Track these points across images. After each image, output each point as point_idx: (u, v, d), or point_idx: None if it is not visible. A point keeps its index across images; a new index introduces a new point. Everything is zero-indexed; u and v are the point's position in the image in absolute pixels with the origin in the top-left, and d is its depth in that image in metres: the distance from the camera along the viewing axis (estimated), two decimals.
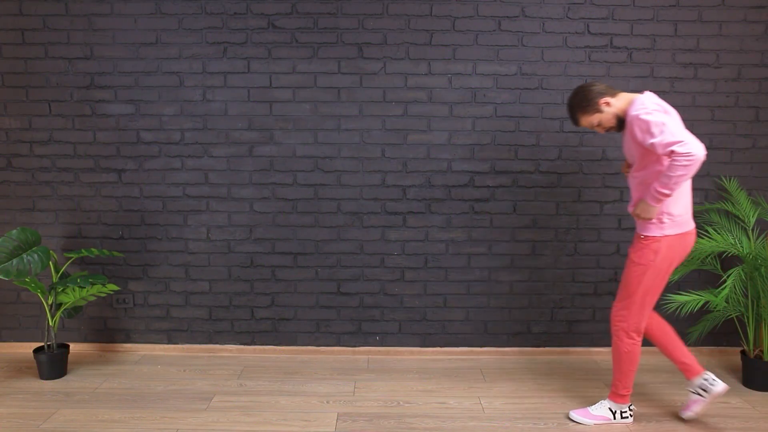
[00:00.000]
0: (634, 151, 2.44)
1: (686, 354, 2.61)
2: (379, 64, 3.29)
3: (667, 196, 2.30)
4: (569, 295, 3.44)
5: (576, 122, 2.56)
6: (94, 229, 3.41)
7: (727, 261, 3.38)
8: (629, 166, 2.67)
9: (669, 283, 3.41)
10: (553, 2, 3.24)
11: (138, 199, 3.38)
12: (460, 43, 3.27)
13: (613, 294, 3.43)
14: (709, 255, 3.31)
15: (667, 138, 2.24)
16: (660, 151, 2.27)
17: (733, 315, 3.16)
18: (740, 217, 3.25)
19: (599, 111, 2.48)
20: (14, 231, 2.89)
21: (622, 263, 3.41)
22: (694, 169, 2.21)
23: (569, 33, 3.27)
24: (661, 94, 3.31)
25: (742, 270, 2.95)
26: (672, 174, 2.24)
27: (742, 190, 3.35)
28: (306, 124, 3.33)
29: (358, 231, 3.40)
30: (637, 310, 2.52)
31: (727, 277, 2.93)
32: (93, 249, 3.24)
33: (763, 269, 2.92)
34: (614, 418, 2.65)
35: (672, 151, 2.23)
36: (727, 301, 3.06)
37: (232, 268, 3.43)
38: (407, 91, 3.30)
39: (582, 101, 2.49)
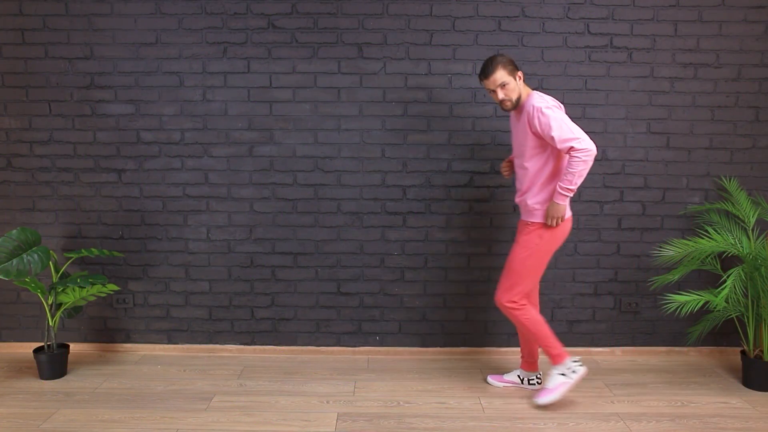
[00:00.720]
0: (528, 141, 2.62)
1: (537, 352, 2.98)
2: (379, 64, 3.29)
3: (573, 191, 2.54)
4: (569, 295, 3.44)
5: (490, 73, 2.61)
6: (94, 229, 3.41)
7: (727, 261, 3.38)
8: (509, 165, 2.94)
9: (670, 282, 3.41)
10: (553, 2, 3.24)
11: (138, 199, 3.39)
12: (460, 43, 3.27)
13: (613, 293, 3.43)
14: (709, 255, 3.31)
15: (565, 134, 2.49)
16: (558, 145, 2.51)
17: (733, 315, 3.16)
18: (740, 217, 3.25)
19: (513, 79, 2.62)
20: (14, 231, 2.89)
21: (622, 263, 3.41)
22: (591, 163, 2.49)
23: (569, 33, 3.27)
24: (661, 94, 3.31)
25: (742, 270, 2.95)
26: (574, 170, 2.49)
27: (742, 190, 3.35)
28: (306, 124, 3.33)
29: (358, 231, 3.40)
30: (521, 289, 2.73)
31: (727, 277, 2.93)
32: (93, 249, 3.24)
33: (763, 269, 2.92)
34: (569, 377, 2.76)
35: (571, 147, 2.49)
36: (727, 301, 3.06)
37: (232, 268, 3.43)
38: (407, 91, 3.30)
39: (508, 61, 2.63)
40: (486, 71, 2.63)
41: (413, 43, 3.27)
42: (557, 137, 2.50)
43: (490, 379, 3.05)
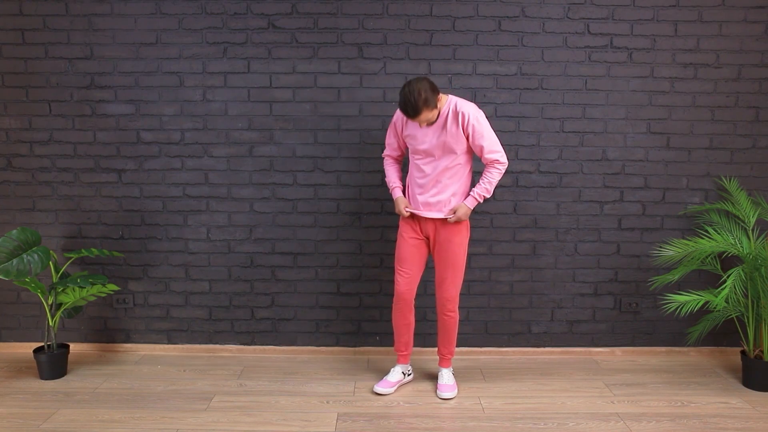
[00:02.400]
0: (459, 144, 2.70)
1: (411, 344, 3.04)
2: (379, 64, 3.29)
3: (487, 198, 2.87)
4: (569, 295, 3.44)
5: (415, 115, 2.60)
6: (94, 229, 3.41)
7: (727, 261, 3.38)
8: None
9: (670, 282, 3.41)
10: (553, 2, 3.24)
11: (138, 199, 3.39)
12: (460, 43, 3.27)
13: (613, 293, 3.43)
14: (709, 255, 3.31)
15: (495, 146, 2.73)
16: (485, 154, 2.73)
17: (733, 315, 3.16)
18: (740, 217, 3.25)
19: (436, 107, 2.64)
20: (14, 231, 2.89)
21: (622, 263, 3.41)
22: None
23: (569, 33, 3.27)
24: (661, 94, 3.31)
25: (742, 270, 2.95)
26: (494, 180, 2.77)
27: (742, 190, 3.35)
28: (306, 124, 3.33)
29: (357, 231, 3.40)
30: (460, 283, 2.90)
31: (727, 277, 2.93)
32: (93, 249, 3.24)
33: (763, 269, 2.92)
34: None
35: (497, 160, 2.74)
36: (727, 301, 3.06)
37: (232, 268, 3.43)
38: None
39: (429, 96, 2.57)
40: (412, 113, 2.59)
41: (413, 43, 3.27)
42: (487, 147, 2.72)
43: (378, 388, 2.92)
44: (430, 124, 2.73)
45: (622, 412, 2.75)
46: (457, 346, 3.47)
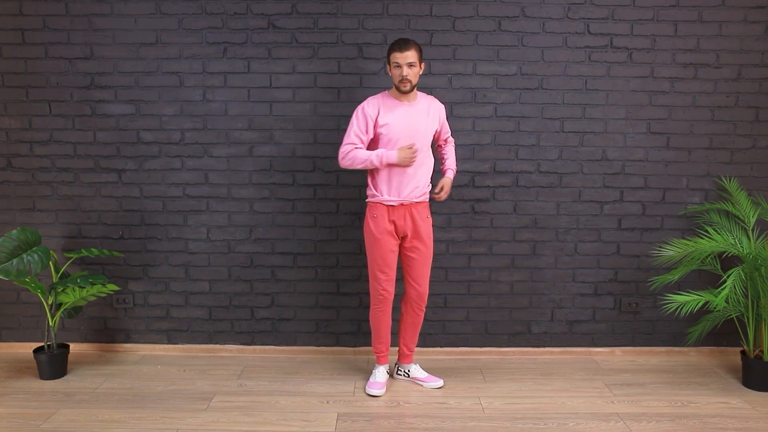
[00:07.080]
0: (432, 132, 2.88)
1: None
2: (379, 64, 3.29)
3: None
4: (569, 295, 3.44)
5: (406, 48, 2.69)
6: (94, 229, 3.41)
7: (727, 261, 3.38)
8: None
9: (670, 282, 3.41)
10: (553, 2, 3.24)
11: (138, 199, 3.39)
12: (460, 43, 3.27)
13: (613, 294, 3.43)
14: (709, 255, 3.31)
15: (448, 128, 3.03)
16: (443, 135, 3.00)
17: (733, 315, 3.16)
18: (740, 217, 3.25)
19: (420, 65, 2.77)
20: (14, 231, 2.89)
21: (622, 263, 3.41)
22: None
23: (569, 33, 3.27)
24: (661, 94, 3.31)
25: (742, 270, 2.95)
26: (454, 154, 3.06)
27: (742, 190, 3.34)
28: (306, 124, 3.33)
29: (357, 231, 3.40)
30: None
31: (727, 277, 2.93)
32: (93, 249, 3.24)
33: (763, 269, 2.92)
34: None
35: (451, 138, 3.07)
36: (727, 301, 3.06)
37: (232, 268, 3.43)
38: None
39: (420, 49, 2.75)
40: (403, 45, 2.69)
41: None
42: (447, 127, 3.00)
43: (372, 390, 2.92)
44: (406, 84, 2.73)
45: (622, 412, 2.75)
46: (457, 346, 3.47)
